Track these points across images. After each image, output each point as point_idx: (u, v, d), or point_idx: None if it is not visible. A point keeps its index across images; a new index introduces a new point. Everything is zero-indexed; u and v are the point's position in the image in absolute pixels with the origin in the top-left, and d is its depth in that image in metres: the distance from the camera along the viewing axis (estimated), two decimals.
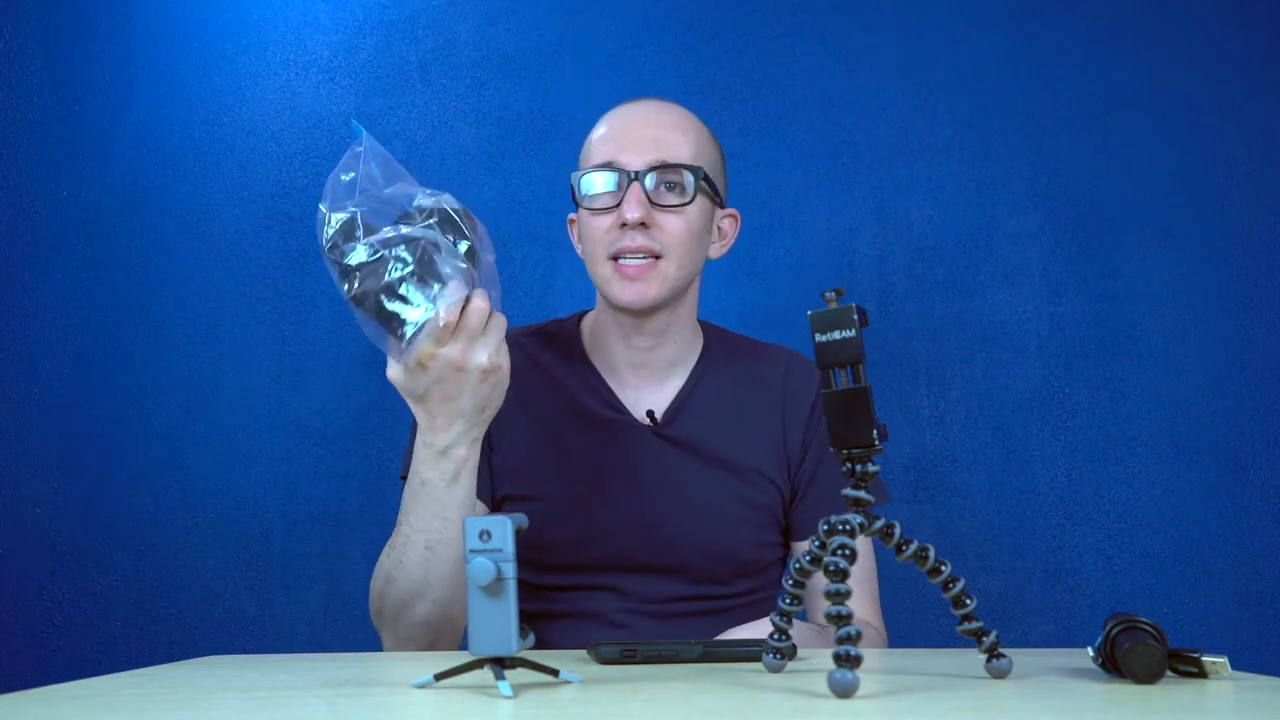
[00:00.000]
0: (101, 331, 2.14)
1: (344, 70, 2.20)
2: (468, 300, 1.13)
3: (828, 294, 0.86)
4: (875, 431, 0.84)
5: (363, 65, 2.20)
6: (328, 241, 1.15)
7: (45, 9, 2.20)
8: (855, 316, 0.85)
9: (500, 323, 1.16)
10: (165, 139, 2.18)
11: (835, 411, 0.85)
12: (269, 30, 2.21)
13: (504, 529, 0.83)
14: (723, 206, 1.45)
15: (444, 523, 1.20)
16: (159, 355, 2.14)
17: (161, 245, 2.16)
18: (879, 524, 0.87)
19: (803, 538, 1.43)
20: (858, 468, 0.86)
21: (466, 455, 1.20)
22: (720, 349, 1.48)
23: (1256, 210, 2.14)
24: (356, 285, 1.14)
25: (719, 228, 1.45)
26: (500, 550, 0.82)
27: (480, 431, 1.21)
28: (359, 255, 1.14)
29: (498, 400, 1.19)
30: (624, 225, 1.33)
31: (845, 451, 0.86)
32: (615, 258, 1.35)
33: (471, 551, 0.83)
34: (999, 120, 2.17)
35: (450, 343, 1.13)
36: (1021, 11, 2.18)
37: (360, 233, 1.14)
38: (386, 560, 1.25)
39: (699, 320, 1.49)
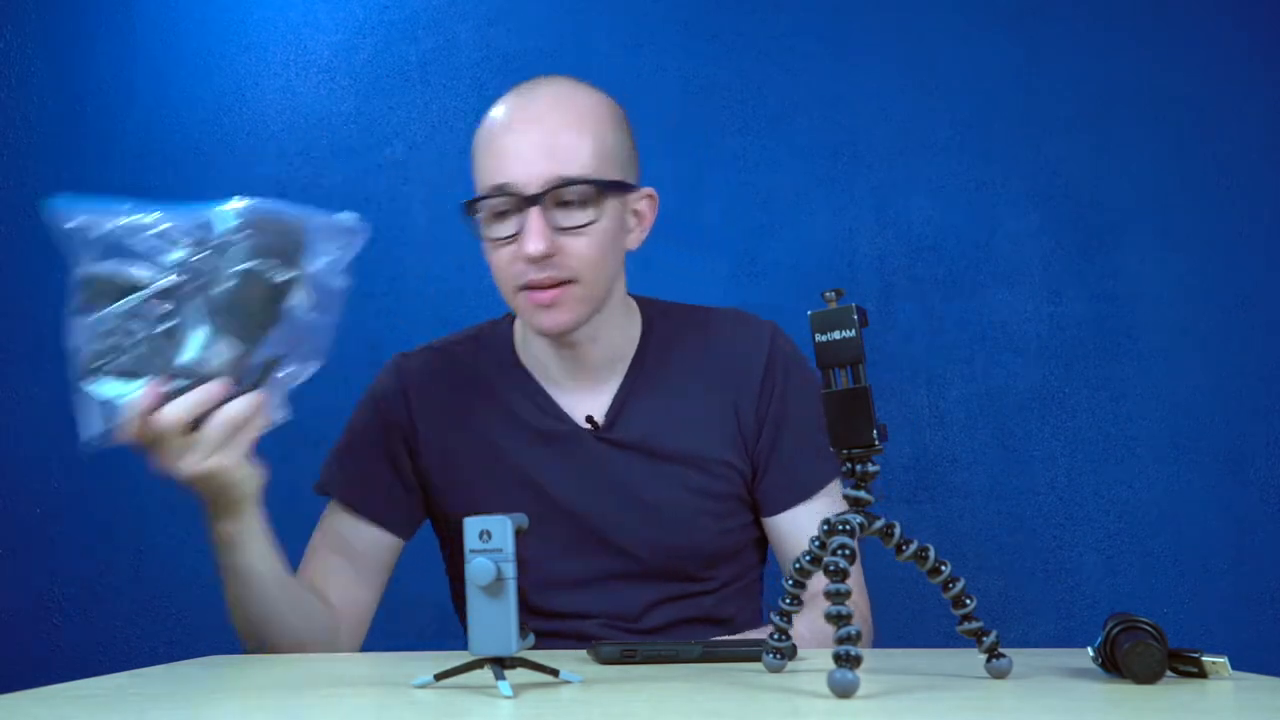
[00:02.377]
0: None
1: (344, 70, 2.20)
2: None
3: (827, 294, 0.86)
4: (875, 432, 0.84)
5: (363, 65, 2.20)
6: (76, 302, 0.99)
7: (45, 9, 2.20)
8: (855, 317, 0.84)
9: (219, 435, 1.04)
10: (165, 139, 2.18)
11: (835, 412, 0.85)
12: (269, 30, 2.21)
13: (504, 529, 0.83)
14: (636, 188, 1.32)
15: (243, 592, 1.22)
16: None
17: None
18: (879, 524, 0.87)
19: (772, 513, 1.35)
20: (858, 468, 0.86)
21: (230, 530, 1.17)
22: (660, 331, 1.39)
23: (1256, 210, 2.14)
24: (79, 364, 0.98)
25: (634, 212, 1.32)
26: (500, 550, 0.82)
27: (237, 512, 1.16)
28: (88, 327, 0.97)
29: (237, 493, 1.13)
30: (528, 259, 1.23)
31: (845, 452, 0.86)
32: (524, 288, 1.26)
33: (471, 551, 0.83)
34: (999, 120, 2.17)
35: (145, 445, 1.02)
36: (1021, 11, 2.19)
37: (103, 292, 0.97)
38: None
39: (635, 298, 1.41)
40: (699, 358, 1.38)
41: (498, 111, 1.29)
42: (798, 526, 1.34)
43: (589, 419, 1.35)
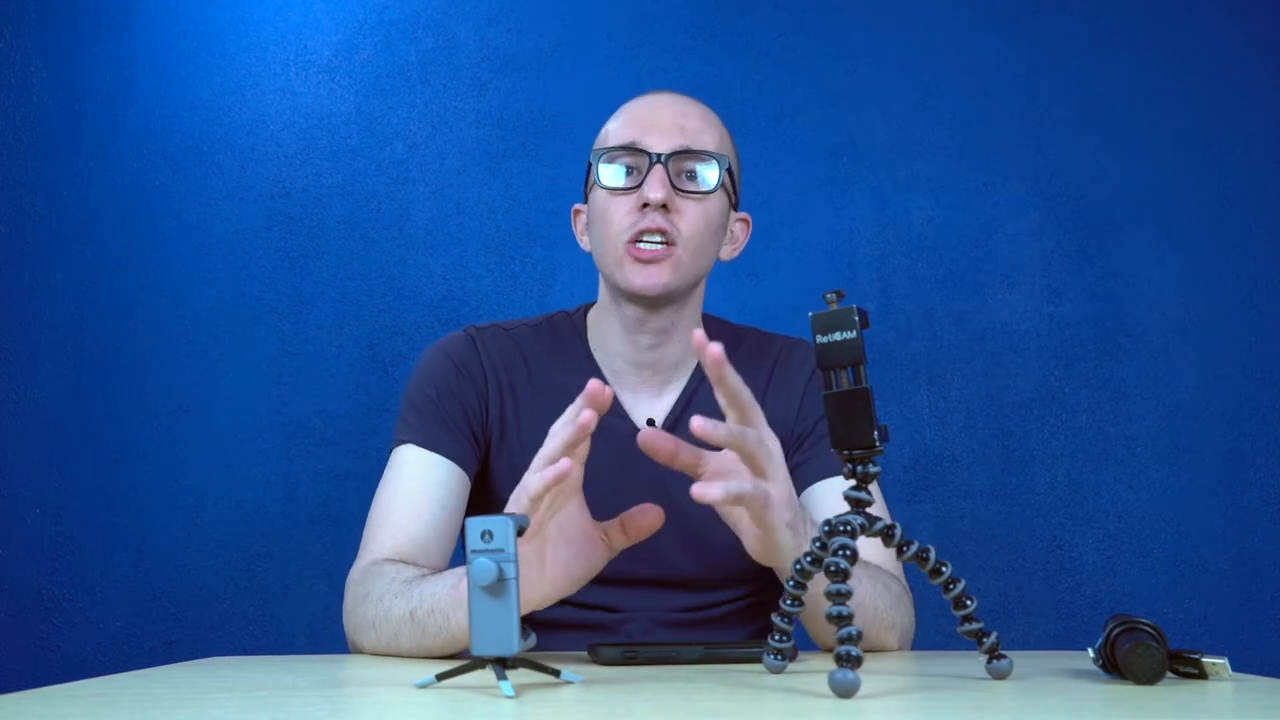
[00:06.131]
0: (101, 331, 2.14)
1: (344, 70, 2.20)
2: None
3: (828, 295, 0.86)
4: (876, 433, 0.85)
5: (363, 65, 2.20)
6: None
7: (45, 9, 2.20)
8: (856, 318, 0.85)
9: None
10: (165, 139, 2.18)
11: (836, 412, 0.85)
12: (269, 30, 2.21)
13: (506, 529, 0.83)
14: (737, 209, 1.42)
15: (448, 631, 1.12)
16: (159, 355, 2.14)
17: (161, 245, 2.16)
18: (879, 525, 0.87)
19: (810, 483, 1.35)
20: (859, 468, 0.86)
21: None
22: (723, 346, 1.44)
23: (1256, 210, 2.14)
24: None
25: (731, 230, 1.41)
26: (502, 550, 0.82)
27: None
28: None
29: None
30: (645, 206, 1.29)
31: (846, 452, 0.86)
32: (631, 241, 1.30)
33: (473, 552, 0.83)
34: (999, 120, 2.17)
35: None
36: (1022, 12, 2.19)
37: None
38: (378, 611, 1.16)
39: (705, 314, 1.45)
40: (754, 380, 1.39)
41: (628, 103, 1.39)
42: (831, 496, 1.33)
43: (650, 422, 1.37)
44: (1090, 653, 0.91)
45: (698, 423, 0.94)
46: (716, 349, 0.95)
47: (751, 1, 2.20)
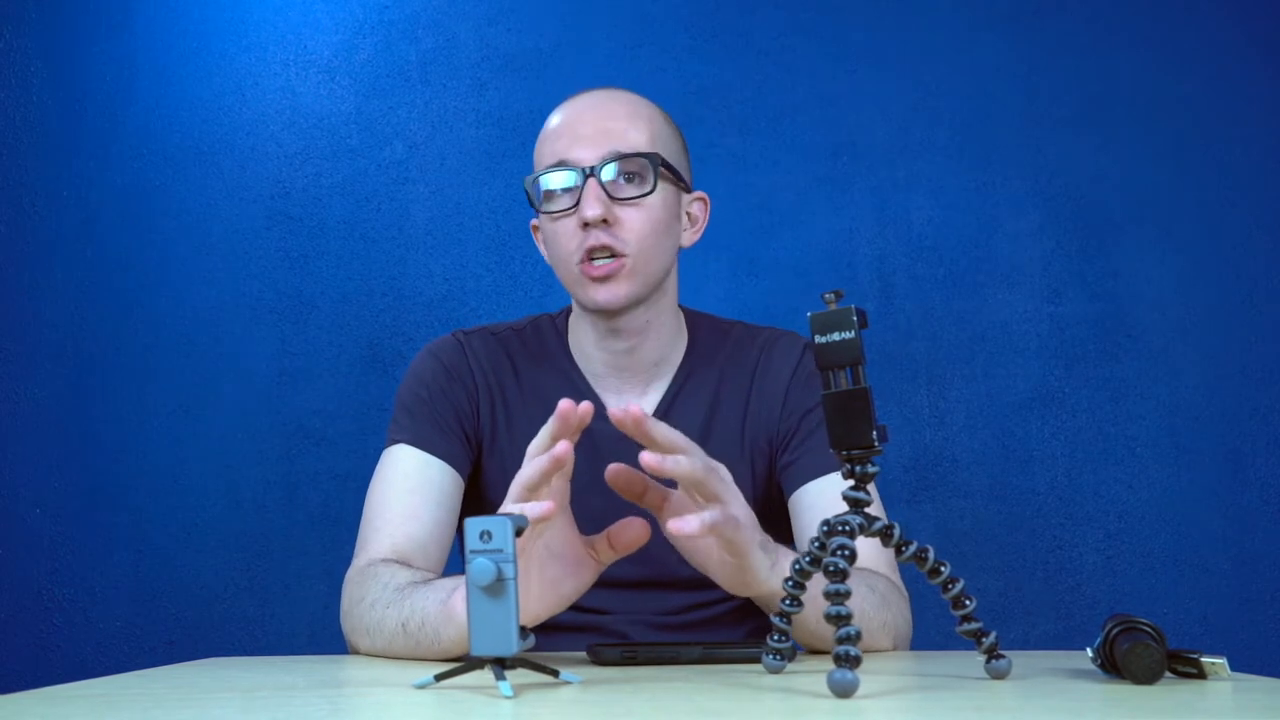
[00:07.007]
0: (101, 331, 2.14)
1: (344, 70, 2.20)
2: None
3: (827, 295, 0.86)
4: (875, 433, 0.85)
5: (363, 65, 2.20)
6: None
7: (45, 9, 2.20)
8: (855, 318, 0.85)
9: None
10: (165, 139, 2.18)
11: (835, 413, 0.85)
12: (269, 30, 2.21)
13: (504, 529, 0.83)
14: (690, 190, 1.38)
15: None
16: (159, 355, 2.14)
17: (161, 245, 2.16)
18: (878, 525, 0.87)
19: (797, 485, 1.34)
20: (857, 468, 0.86)
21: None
22: (708, 342, 1.42)
23: (1256, 210, 2.14)
24: None
25: (688, 213, 1.38)
26: (501, 550, 0.82)
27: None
28: None
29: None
30: (586, 225, 1.27)
31: (845, 452, 0.86)
32: (583, 261, 1.28)
33: (472, 552, 0.83)
34: (999, 120, 2.17)
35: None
36: (1022, 12, 2.19)
37: None
38: (372, 619, 1.17)
39: (686, 310, 1.44)
40: (739, 376, 1.39)
41: (558, 108, 1.37)
42: (823, 498, 1.33)
43: None
44: (1089, 653, 0.91)
45: (648, 458, 0.94)
46: (636, 410, 0.97)
47: (751, 1, 2.20)
